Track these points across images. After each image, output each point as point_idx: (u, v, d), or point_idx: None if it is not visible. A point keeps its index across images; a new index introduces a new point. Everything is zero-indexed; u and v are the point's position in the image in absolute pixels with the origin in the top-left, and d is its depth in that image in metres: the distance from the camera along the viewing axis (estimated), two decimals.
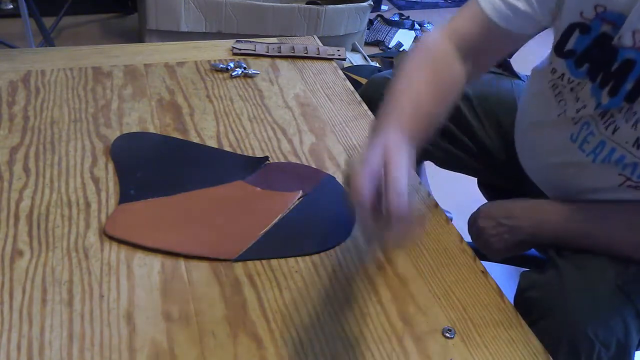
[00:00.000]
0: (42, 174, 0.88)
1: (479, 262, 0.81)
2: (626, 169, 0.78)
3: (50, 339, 0.64)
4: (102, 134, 0.98)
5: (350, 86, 1.20)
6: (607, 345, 0.71)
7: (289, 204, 0.87)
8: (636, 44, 0.69)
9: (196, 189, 0.88)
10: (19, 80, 1.10)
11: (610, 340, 0.71)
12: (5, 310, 0.67)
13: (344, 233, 0.83)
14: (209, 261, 0.76)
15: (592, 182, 0.83)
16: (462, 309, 0.73)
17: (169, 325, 0.67)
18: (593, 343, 0.71)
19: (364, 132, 1.06)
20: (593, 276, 0.75)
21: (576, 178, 0.84)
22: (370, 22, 2.90)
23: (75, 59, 1.19)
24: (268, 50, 1.29)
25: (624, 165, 0.78)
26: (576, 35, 0.77)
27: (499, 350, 0.69)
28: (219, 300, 0.71)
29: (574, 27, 0.77)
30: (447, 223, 0.87)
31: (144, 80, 1.15)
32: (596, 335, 0.70)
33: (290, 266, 0.77)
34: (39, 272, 0.72)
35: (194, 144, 0.98)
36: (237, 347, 0.66)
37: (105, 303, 0.69)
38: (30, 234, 0.77)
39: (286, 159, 0.97)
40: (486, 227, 0.86)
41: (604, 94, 0.76)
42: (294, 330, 0.68)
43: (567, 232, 0.82)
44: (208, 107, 1.08)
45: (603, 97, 0.76)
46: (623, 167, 0.78)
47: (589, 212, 0.82)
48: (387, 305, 0.73)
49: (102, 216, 0.81)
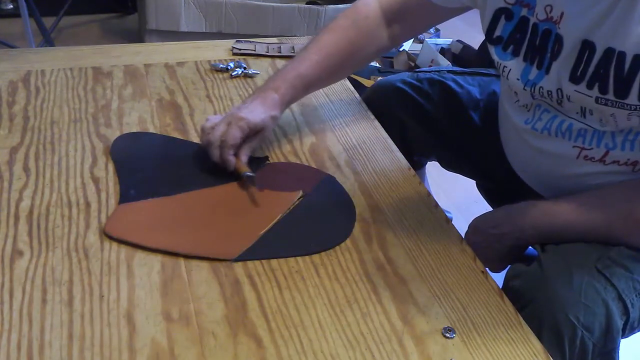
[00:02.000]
0: (42, 174, 0.88)
1: (479, 262, 0.81)
2: (577, 139, 0.83)
3: (50, 339, 0.64)
4: (102, 134, 0.98)
5: (350, 86, 1.20)
6: (590, 328, 0.72)
7: (289, 204, 0.87)
8: (548, 15, 0.80)
9: (196, 189, 0.88)
10: (19, 80, 1.10)
11: (592, 324, 0.72)
12: (5, 310, 0.67)
13: (344, 233, 0.83)
14: (209, 261, 0.76)
15: (554, 162, 0.87)
16: (462, 309, 0.73)
17: (169, 325, 0.67)
18: (575, 327, 0.71)
19: (364, 132, 1.06)
20: (573, 262, 0.76)
21: (541, 160, 0.89)
22: None
23: (75, 59, 1.19)
24: (268, 50, 1.29)
25: (576, 135, 0.83)
26: (502, 22, 0.87)
27: (499, 350, 0.69)
28: (219, 300, 0.71)
29: (499, 14, 0.87)
30: (447, 223, 0.87)
31: (144, 80, 1.15)
32: (577, 319, 0.71)
33: (290, 266, 0.77)
34: (39, 272, 0.72)
35: (194, 144, 0.98)
36: (237, 347, 0.66)
37: (105, 303, 0.69)
38: (30, 234, 0.77)
39: (286, 159, 0.97)
40: (477, 242, 0.88)
41: (532, 70, 0.84)
42: (294, 330, 0.68)
43: (548, 226, 0.83)
44: (208, 107, 1.08)
45: (532, 72, 0.84)
46: (576, 137, 0.83)
47: (565, 204, 0.83)
48: (387, 305, 0.73)
49: (102, 216, 0.81)
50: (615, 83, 0.74)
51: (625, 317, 0.75)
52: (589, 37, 0.75)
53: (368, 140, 1.04)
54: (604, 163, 0.82)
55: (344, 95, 1.17)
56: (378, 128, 1.08)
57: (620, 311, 0.74)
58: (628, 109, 0.74)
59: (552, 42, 0.80)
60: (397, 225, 0.86)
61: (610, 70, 0.73)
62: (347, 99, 1.15)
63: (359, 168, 0.97)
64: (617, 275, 0.75)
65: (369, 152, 1.01)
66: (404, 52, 2.55)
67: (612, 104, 0.75)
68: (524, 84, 0.85)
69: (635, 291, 0.76)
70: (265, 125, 0.91)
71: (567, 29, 0.78)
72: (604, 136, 0.81)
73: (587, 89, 0.77)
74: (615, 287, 0.74)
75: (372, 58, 1.08)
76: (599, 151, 0.82)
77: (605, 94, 0.75)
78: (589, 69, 0.76)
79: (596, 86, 0.76)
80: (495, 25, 0.87)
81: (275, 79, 0.96)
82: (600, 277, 0.74)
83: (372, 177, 0.95)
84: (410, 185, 0.94)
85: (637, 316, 0.77)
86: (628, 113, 0.75)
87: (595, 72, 0.75)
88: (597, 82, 0.75)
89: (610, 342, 0.74)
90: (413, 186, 0.94)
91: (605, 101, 0.76)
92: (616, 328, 0.73)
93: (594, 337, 0.72)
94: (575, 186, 0.85)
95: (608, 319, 0.72)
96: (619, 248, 0.78)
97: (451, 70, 1.16)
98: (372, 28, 0.99)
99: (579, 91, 0.78)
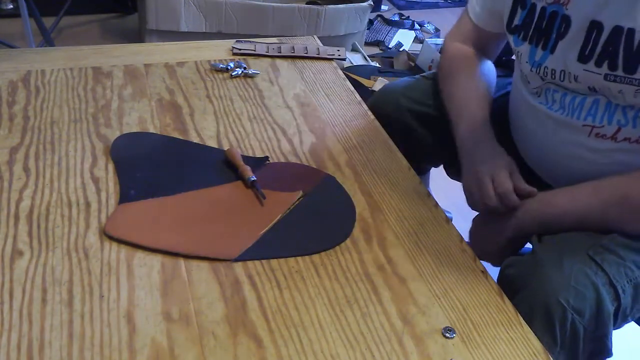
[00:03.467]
0: (42, 174, 0.88)
1: (479, 262, 0.81)
2: (587, 118, 0.85)
3: (50, 339, 0.64)
4: (102, 134, 0.98)
5: (350, 86, 1.20)
6: (580, 312, 0.73)
7: (289, 204, 0.87)
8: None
9: (196, 189, 0.88)
10: (19, 80, 1.10)
11: (582, 307, 0.73)
12: (5, 310, 0.67)
13: (344, 233, 0.83)
14: (209, 261, 0.76)
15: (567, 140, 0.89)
16: (462, 309, 0.73)
17: (169, 325, 0.67)
18: (565, 310, 0.72)
19: (364, 132, 1.06)
20: (565, 248, 0.78)
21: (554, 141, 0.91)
22: (370, 22, 2.89)
23: (75, 59, 1.19)
24: (268, 50, 1.29)
25: (587, 113, 0.85)
26: (519, 12, 0.92)
27: (499, 350, 0.69)
28: (219, 300, 0.71)
29: (516, 5, 0.92)
30: (447, 223, 0.87)
31: (144, 80, 1.15)
32: (567, 302, 0.72)
33: (290, 266, 0.77)
34: (39, 272, 0.72)
35: (194, 144, 0.98)
36: (237, 347, 0.66)
37: (105, 303, 0.69)
38: (30, 234, 0.77)
39: (286, 159, 0.97)
40: (479, 235, 0.90)
41: (538, 51, 0.88)
42: (294, 330, 0.68)
43: (545, 216, 0.85)
44: (208, 107, 1.08)
45: (537, 54, 0.88)
46: (586, 115, 0.85)
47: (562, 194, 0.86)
48: (387, 305, 0.73)
49: (102, 216, 0.81)
50: (624, 59, 0.77)
51: (616, 303, 0.76)
52: (596, 17, 0.79)
53: (368, 140, 1.04)
54: (615, 140, 0.84)
55: (344, 95, 1.17)
56: (378, 128, 1.07)
57: (611, 296, 0.75)
58: (636, 84, 0.77)
59: (559, 22, 0.84)
60: (397, 225, 0.86)
61: (620, 46, 0.77)
62: (347, 99, 1.15)
63: (359, 168, 0.97)
64: (608, 261, 0.76)
65: (369, 152, 1.01)
66: (404, 52, 2.55)
67: (620, 80, 0.78)
68: (530, 66, 0.90)
69: (627, 277, 0.77)
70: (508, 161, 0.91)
71: (575, 10, 0.81)
72: (616, 112, 0.83)
73: (595, 66, 0.80)
74: (606, 272, 0.75)
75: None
76: (611, 128, 0.84)
77: (614, 70, 0.78)
78: (597, 48, 0.79)
79: (605, 63, 0.79)
80: (514, 15, 0.93)
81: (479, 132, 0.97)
82: (592, 262, 0.76)
83: (372, 177, 0.95)
84: (410, 185, 0.94)
85: (630, 303, 0.78)
86: (635, 90, 0.78)
87: (603, 50, 0.79)
88: (607, 59, 0.79)
89: (602, 326, 0.75)
90: (413, 186, 0.94)
91: (614, 77, 0.79)
92: (607, 312, 0.74)
93: (584, 320, 0.73)
94: (586, 166, 0.87)
95: (598, 303, 0.73)
96: (612, 236, 0.79)
97: None
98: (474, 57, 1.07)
99: (588, 69, 0.81)
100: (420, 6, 3.32)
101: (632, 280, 0.77)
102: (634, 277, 0.77)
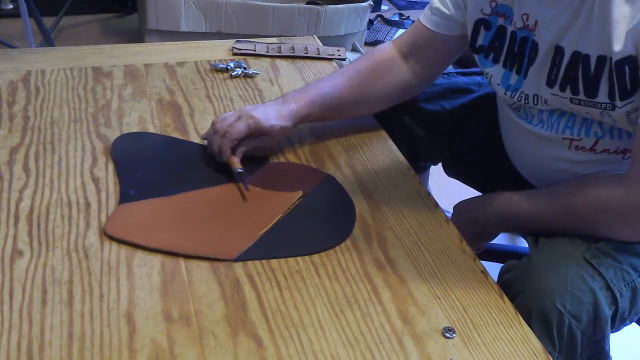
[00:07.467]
0: (42, 174, 0.88)
1: (479, 262, 0.81)
2: (565, 131, 0.86)
3: (50, 339, 0.64)
4: (102, 134, 0.98)
5: None
6: (577, 316, 0.73)
7: (289, 204, 0.87)
8: (525, 23, 0.85)
9: (196, 189, 0.88)
10: (19, 80, 1.10)
11: (579, 313, 0.73)
12: (5, 310, 0.67)
13: (344, 233, 0.83)
14: (209, 261, 0.76)
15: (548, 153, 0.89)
16: (462, 309, 0.73)
17: (169, 325, 0.67)
18: (562, 315, 0.72)
19: (364, 132, 1.06)
20: (561, 252, 0.78)
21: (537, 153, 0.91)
22: (370, 22, 2.89)
23: (75, 59, 1.19)
24: (268, 50, 1.29)
25: (564, 127, 0.85)
26: (482, 32, 0.92)
27: (499, 350, 0.69)
28: (219, 300, 0.71)
29: (479, 24, 0.91)
30: (447, 223, 0.87)
31: (144, 80, 1.15)
32: (564, 306, 0.72)
33: (290, 266, 0.77)
34: (39, 272, 0.72)
35: (194, 144, 0.98)
36: (237, 347, 0.66)
37: (105, 303, 0.69)
38: (30, 234, 0.77)
39: (286, 159, 0.97)
40: (455, 222, 0.90)
41: (512, 75, 0.88)
42: (294, 330, 0.68)
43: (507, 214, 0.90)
44: (208, 107, 1.08)
45: (512, 78, 0.88)
46: (564, 129, 0.86)
47: (521, 195, 0.89)
48: (387, 305, 0.73)
49: (102, 216, 0.81)
50: (584, 84, 0.78)
51: (614, 307, 0.76)
52: (559, 43, 0.80)
53: (368, 140, 1.04)
54: (595, 152, 0.85)
55: None
56: (378, 128, 1.08)
57: (608, 300, 0.75)
58: (599, 107, 0.78)
59: (529, 48, 0.85)
60: (397, 225, 0.86)
61: (579, 72, 0.78)
62: None
63: (359, 168, 0.97)
64: (605, 265, 0.76)
65: (369, 152, 1.01)
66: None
67: (585, 104, 0.79)
68: (504, 89, 0.90)
69: (624, 281, 0.77)
70: (272, 131, 0.91)
71: (541, 36, 0.82)
72: (592, 125, 0.83)
73: (560, 91, 0.81)
74: (603, 276, 0.75)
75: (396, 90, 1.03)
76: (589, 141, 0.84)
77: (577, 95, 0.79)
78: (560, 73, 0.80)
79: (568, 88, 0.80)
80: (477, 35, 0.92)
81: (297, 92, 0.97)
82: (588, 266, 0.75)
83: (372, 177, 0.95)
84: (410, 185, 0.94)
85: (627, 306, 0.77)
86: (600, 112, 0.79)
87: (565, 75, 0.80)
88: (569, 84, 0.80)
89: (599, 331, 0.74)
90: (413, 186, 0.94)
91: (579, 101, 0.80)
92: (604, 317, 0.74)
93: (581, 325, 0.73)
94: (569, 177, 0.87)
95: (595, 308, 0.73)
96: (607, 240, 0.79)
97: (460, 72, 1.16)
98: (388, 59, 1.02)
99: (554, 94, 0.82)
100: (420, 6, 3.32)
101: (630, 284, 0.77)
102: (631, 280, 0.77)
